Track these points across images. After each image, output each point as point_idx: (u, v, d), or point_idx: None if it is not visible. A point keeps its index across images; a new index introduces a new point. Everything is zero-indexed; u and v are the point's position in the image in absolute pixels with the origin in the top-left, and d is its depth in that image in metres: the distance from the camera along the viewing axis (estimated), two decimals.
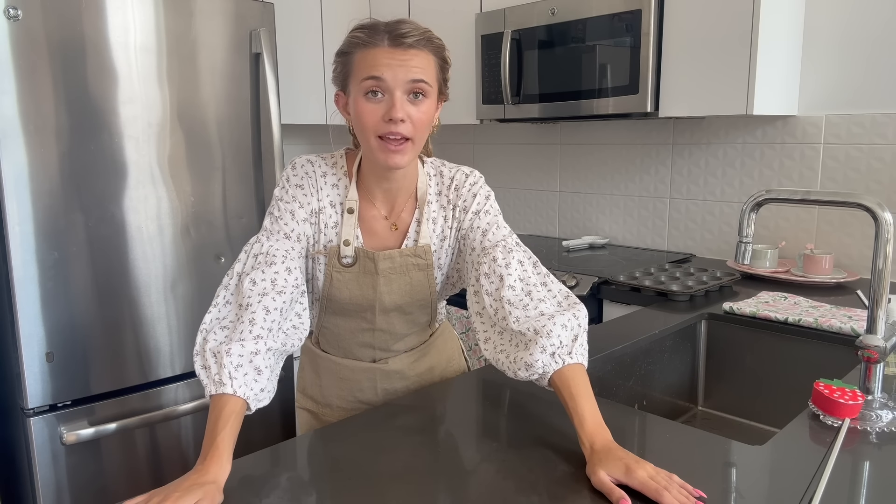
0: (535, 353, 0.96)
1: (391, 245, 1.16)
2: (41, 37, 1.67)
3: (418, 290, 1.17)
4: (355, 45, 1.04)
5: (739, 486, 0.83)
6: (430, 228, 1.16)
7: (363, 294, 1.15)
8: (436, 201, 1.17)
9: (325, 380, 1.27)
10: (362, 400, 1.26)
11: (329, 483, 0.86)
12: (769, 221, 2.16)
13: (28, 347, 1.72)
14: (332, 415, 1.28)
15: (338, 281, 1.14)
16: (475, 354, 2.08)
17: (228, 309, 1.02)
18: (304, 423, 1.32)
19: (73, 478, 1.81)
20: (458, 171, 1.19)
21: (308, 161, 1.15)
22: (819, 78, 2.00)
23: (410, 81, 1.02)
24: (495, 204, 1.19)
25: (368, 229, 1.15)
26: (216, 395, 0.90)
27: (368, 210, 1.15)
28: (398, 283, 1.16)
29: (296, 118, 2.66)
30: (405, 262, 1.15)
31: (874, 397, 1.04)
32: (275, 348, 0.98)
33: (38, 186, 1.70)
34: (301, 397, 1.33)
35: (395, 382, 1.25)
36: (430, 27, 1.10)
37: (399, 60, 1.01)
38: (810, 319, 1.47)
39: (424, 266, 1.16)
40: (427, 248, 1.16)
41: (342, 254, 1.13)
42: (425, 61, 1.04)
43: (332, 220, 1.14)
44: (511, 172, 2.90)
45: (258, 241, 1.09)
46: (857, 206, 1.04)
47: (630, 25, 1.96)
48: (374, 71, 1.01)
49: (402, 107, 1.02)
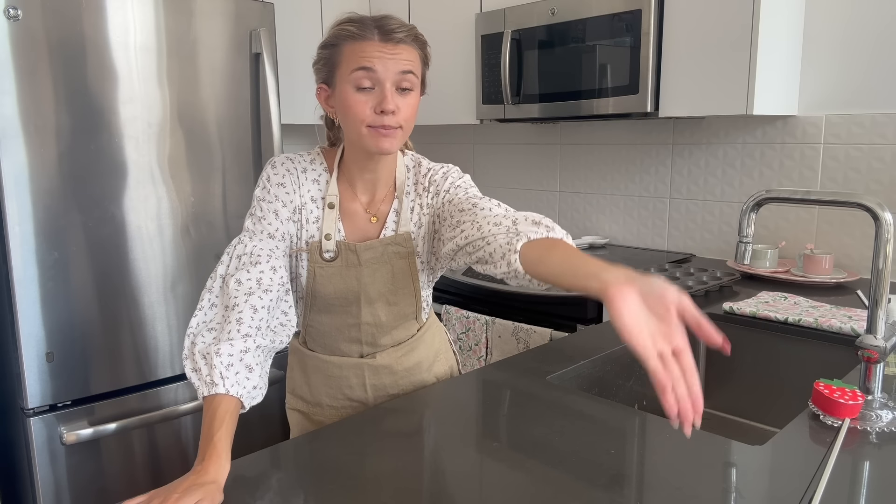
0: (512, 229, 0.96)
1: (372, 236, 1.18)
2: (41, 37, 1.67)
3: (401, 278, 1.19)
4: (344, 37, 1.06)
5: (739, 486, 0.83)
6: (408, 217, 1.18)
7: (347, 287, 1.17)
8: (413, 190, 1.20)
9: (313, 378, 1.28)
10: (352, 397, 1.26)
11: (324, 485, 0.86)
12: (769, 221, 2.15)
13: (28, 347, 1.72)
14: (323, 413, 1.28)
15: (321, 276, 1.16)
16: (475, 354, 2.08)
17: (214, 311, 1.02)
18: (296, 423, 1.32)
19: (73, 478, 1.81)
20: (437, 164, 1.23)
21: (288, 159, 1.17)
22: (819, 78, 2.00)
23: (400, 73, 1.05)
24: (469, 181, 1.21)
25: (350, 221, 1.17)
26: (209, 397, 0.90)
27: (350, 202, 1.17)
28: (381, 272, 1.17)
29: (296, 118, 2.66)
30: (386, 250, 1.17)
31: (874, 397, 1.04)
32: (263, 345, 0.99)
33: (38, 186, 1.70)
34: (291, 398, 1.33)
35: (383, 377, 1.25)
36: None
37: (390, 53, 1.04)
38: (810, 319, 1.47)
39: (406, 254, 1.18)
40: (407, 236, 1.18)
41: (324, 248, 1.15)
42: (413, 55, 1.08)
43: (313, 215, 1.16)
44: (511, 172, 2.90)
45: (241, 243, 1.09)
46: (857, 206, 1.04)
47: (630, 25, 1.96)
48: (366, 62, 1.04)
49: (393, 98, 1.05)
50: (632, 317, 0.74)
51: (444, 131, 3.16)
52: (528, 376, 1.21)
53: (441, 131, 3.17)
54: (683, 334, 0.75)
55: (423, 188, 1.20)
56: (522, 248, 0.93)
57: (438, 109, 2.65)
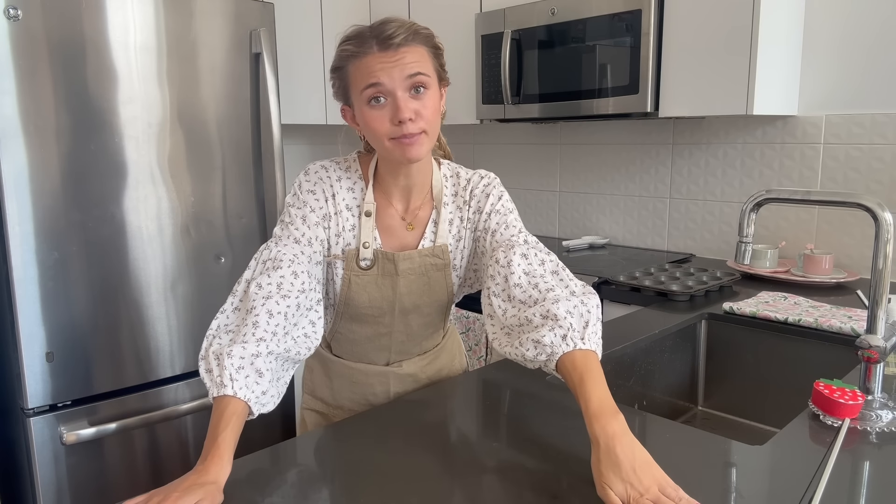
0: (544, 334, 0.94)
1: (409, 245, 1.16)
2: (41, 37, 1.67)
3: (436, 290, 1.18)
4: (346, 57, 1.05)
5: (739, 486, 0.83)
6: (446, 229, 1.17)
7: (382, 296, 1.15)
8: (452, 202, 1.18)
9: (336, 383, 1.27)
10: (374, 403, 1.26)
11: (332, 482, 0.86)
12: (769, 221, 2.16)
13: (28, 347, 1.72)
14: (343, 415, 1.28)
15: (356, 284, 1.14)
16: (475, 355, 2.08)
17: (236, 315, 1.01)
18: (313, 424, 1.31)
19: (73, 478, 1.81)
20: (474, 173, 1.21)
21: (322, 167, 1.15)
22: (819, 78, 2.00)
23: (408, 77, 1.02)
24: (508, 203, 1.18)
25: (386, 230, 1.15)
26: (218, 398, 0.90)
27: (386, 210, 1.15)
28: (417, 283, 1.16)
29: (296, 118, 2.66)
30: (424, 262, 1.15)
31: (874, 397, 1.04)
32: (277, 352, 0.97)
33: (38, 186, 1.70)
34: (310, 399, 1.32)
35: (407, 385, 1.25)
36: (431, 27, 1.11)
37: (392, 62, 1.01)
38: (810, 319, 1.47)
39: (442, 266, 1.17)
40: (444, 248, 1.16)
41: (361, 256, 1.13)
42: (418, 55, 1.04)
43: (349, 223, 1.14)
44: (511, 172, 2.90)
45: (267, 248, 1.08)
46: (857, 206, 1.04)
47: (630, 25, 1.96)
48: (371, 78, 1.02)
49: (407, 106, 1.02)
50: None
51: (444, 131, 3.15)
52: (528, 376, 1.21)
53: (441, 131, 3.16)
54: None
55: (464, 201, 1.18)
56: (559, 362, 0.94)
57: None
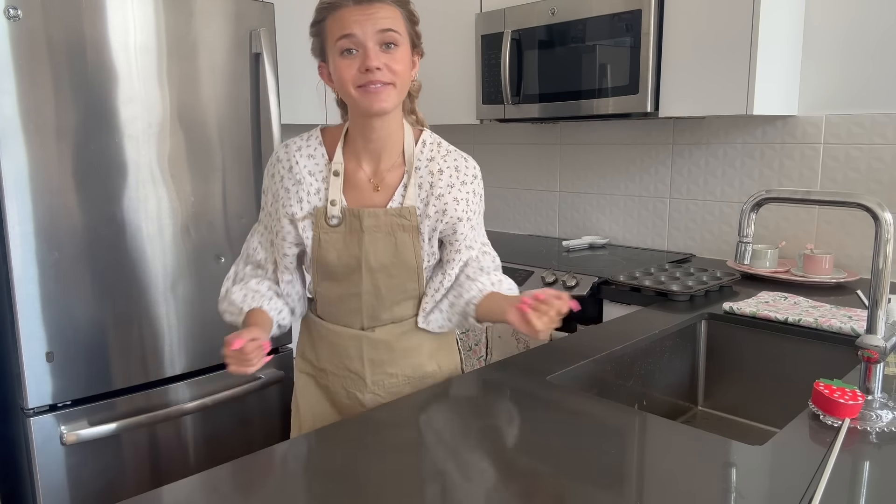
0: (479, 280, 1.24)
1: (377, 204, 1.20)
2: (41, 37, 1.67)
3: (403, 251, 1.20)
4: (323, 10, 1.12)
5: (739, 486, 0.83)
6: (415, 192, 1.20)
7: (350, 253, 1.19)
8: (425, 167, 1.22)
9: (318, 345, 1.31)
10: (350, 368, 1.28)
11: (323, 486, 0.86)
12: (769, 221, 2.16)
13: (28, 347, 1.72)
14: (327, 379, 1.31)
15: (325, 241, 1.19)
16: (475, 355, 2.08)
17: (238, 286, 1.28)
18: (302, 387, 1.35)
19: (73, 478, 1.81)
20: (457, 152, 1.26)
21: (283, 145, 1.24)
22: (819, 78, 2.00)
23: (380, 31, 1.08)
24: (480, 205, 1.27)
25: (353, 190, 1.21)
26: (244, 320, 1.17)
27: (354, 172, 1.21)
28: (383, 242, 1.19)
29: (296, 118, 2.66)
30: (390, 220, 1.19)
31: (874, 397, 1.04)
32: (268, 283, 1.27)
33: (38, 186, 1.70)
34: (300, 361, 1.37)
35: (381, 353, 1.26)
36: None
37: (366, 15, 1.08)
38: (810, 319, 1.47)
39: (409, 227, 1.20)
40: (412, 210, 1.19)
41: (329, 214, 1.19)
42: (391, 13, 1.10)
43: (312, 187, 1.20)
44: (511, 172, 2.90)
45: (252, 235, 1.29)
46: (857, 206, 1.05)
47: (630, 25, 1.96)
48: (345, 29, 1.08)
49: (377, 56, 1.08)
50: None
51: (444, 131, 3.14)
52: (528, 376, 1.21)
53: (441, 131, 3.15)
54: None
55: (439, 170, 1.21)
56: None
57: (438, 109, 2.65)
